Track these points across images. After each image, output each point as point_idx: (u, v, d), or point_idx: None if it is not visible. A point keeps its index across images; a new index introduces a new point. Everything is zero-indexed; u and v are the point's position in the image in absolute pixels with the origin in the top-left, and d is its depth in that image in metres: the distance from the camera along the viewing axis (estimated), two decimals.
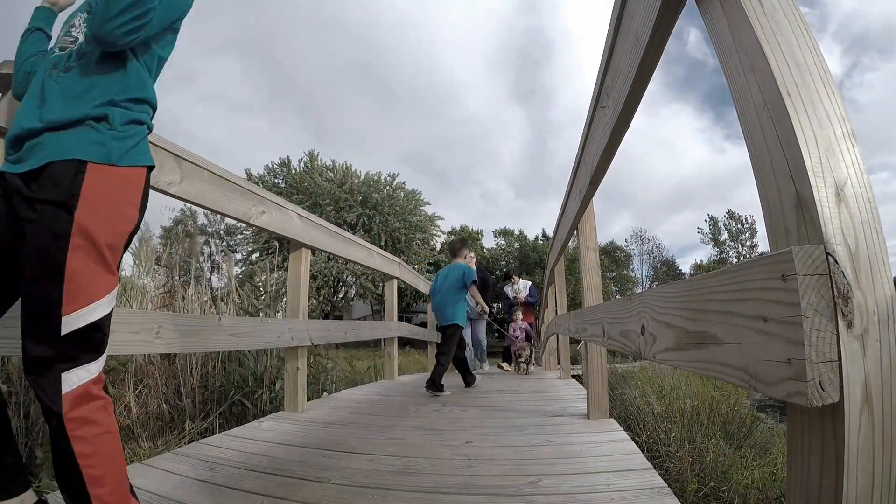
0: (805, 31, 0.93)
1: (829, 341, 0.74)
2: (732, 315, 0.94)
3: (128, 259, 5.96)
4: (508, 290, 10.49)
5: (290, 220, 4.00)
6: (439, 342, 6.43)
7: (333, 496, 2.21)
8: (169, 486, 2.30)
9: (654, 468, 2.44)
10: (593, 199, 3.44)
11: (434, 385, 5.36)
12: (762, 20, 0.94)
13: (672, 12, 1.37)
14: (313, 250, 4.51)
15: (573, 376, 6.65)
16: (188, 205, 3.75)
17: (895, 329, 0.77)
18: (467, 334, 8.66)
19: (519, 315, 9.35)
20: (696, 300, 1.11)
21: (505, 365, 9.35)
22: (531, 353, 8.35)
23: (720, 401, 6.01)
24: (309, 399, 4.63)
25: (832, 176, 0.81)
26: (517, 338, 8.97)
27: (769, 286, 0.81)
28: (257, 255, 31.79)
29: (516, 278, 10.48)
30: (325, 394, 5.76)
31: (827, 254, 0.76)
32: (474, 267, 7.57)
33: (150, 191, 2.58)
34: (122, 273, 6.01)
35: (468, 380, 6.20)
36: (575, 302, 7.40)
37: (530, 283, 10.65)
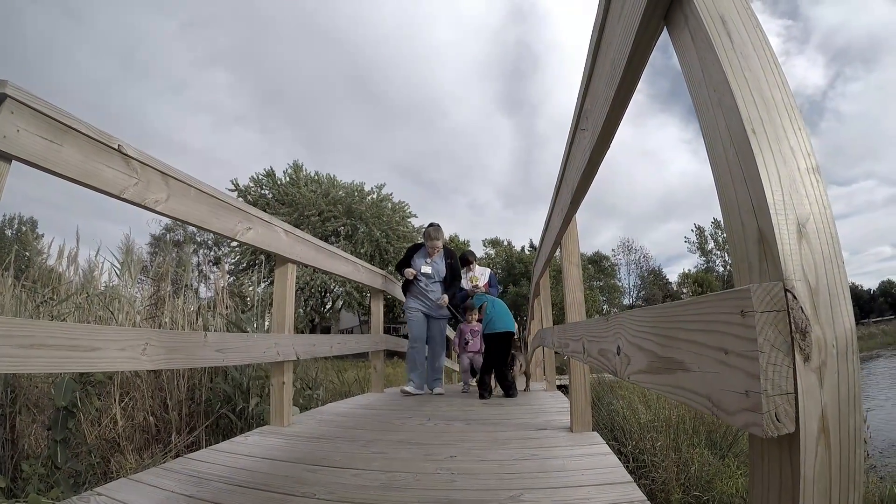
0: (774, 66, 0.96)
1: (786, 375, 0.77)
2: (698, 344, 0.96)
3: (114, 269, 5.97)
4: (462, 278, 8.16)
5: (276, 235, 4.02)
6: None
7: None
8: (155, 501, 2.31)
9: (640, 477, 2.48)
10: (576, 214, 3.47)
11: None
12: (730, 55, 0.96)
13: (647, 41, 1.40)
14: (299, 265, 4.52)
15: (559, 387, 6.67)
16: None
17: (854, 360, 0.80)
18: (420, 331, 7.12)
19: (474, 316, 7.06)
20: (666, 326, 1.14)
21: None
22: (521, 364, 6.96)
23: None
24: (306, 408, 4.64)
25: (794, 212, 0.84)
26: (468, 346, 7.08)
27: (730, 320, 0.84)
28: (244, 265, 31.74)
29: (474, 264, 8.43)
30: (315, 403, 5.77)
31: (786, 290, 0.78)
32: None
33: (138, 208, 2.62)
34: (111, 283, 6.01)
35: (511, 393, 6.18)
36: (563, 314, 7.34)
37: (489, 270, 8.79)
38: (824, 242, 0.84)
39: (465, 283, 8.19)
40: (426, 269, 7.10)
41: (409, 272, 7.02)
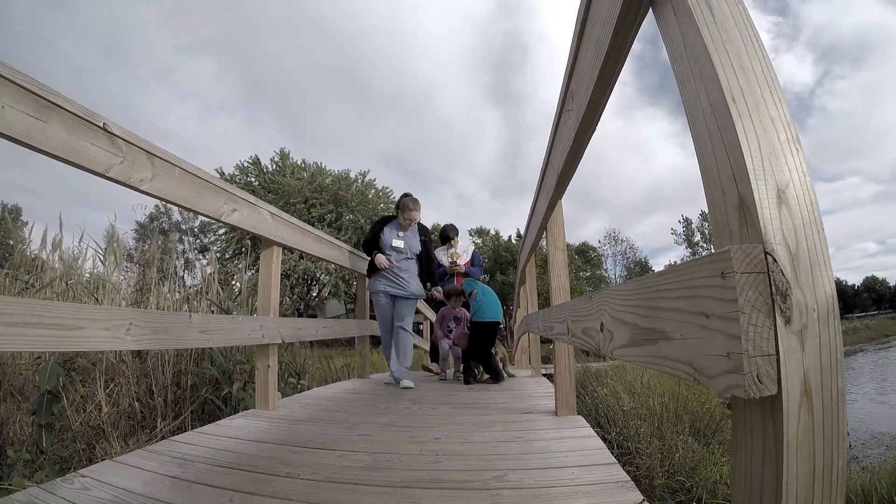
0: (754, 40, 0.96)
1: (767, 336, 0.77)
2: (679, 312, 0.97)
3: (99, 256, 5.94)
4: (442, 255, 7.66)
5: (262, 217, 4.01)
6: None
7: (303, 491, 2.23)
8: (139, 482, 2.30)
9: (624, 464, 2.49)
10: (562, 200, 3.48)
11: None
12: (712, 29, 0.97)
13: (631, 18, 1.40)
14: (285, 248, 4.51)
15: (544, 375, 6.68)
16: (162, 202, 3.75)
17: (836, 326, 0.81)
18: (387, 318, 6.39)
19: (459, 301, 6.82)
20: (648, 297, 1.15)
21: (434, 366, 7.61)
22: (500, 354, 6.64)
23: (690, 399, 6.10)
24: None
25: (774, 179, 0.84)
26: (451, 333, 6.85)
27: (711, 283, 0.85)
28: (229, 254, 31.63)
29: (456, 240, 7.74)
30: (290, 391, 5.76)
31: (766, 253, 0.79)
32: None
33: (123, 187, 2.60)
34: (95, 270, 5.98)
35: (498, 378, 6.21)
36: (549, 302, 7.31)
37: (473, 247, 8.08)
38: (804, 208, 0.84)
39: (445, 260, 7.62)
40: (398, 244, 6.26)
41: (382, 261, 6.09)
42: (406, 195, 6.38)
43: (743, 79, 0.92)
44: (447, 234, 7.76)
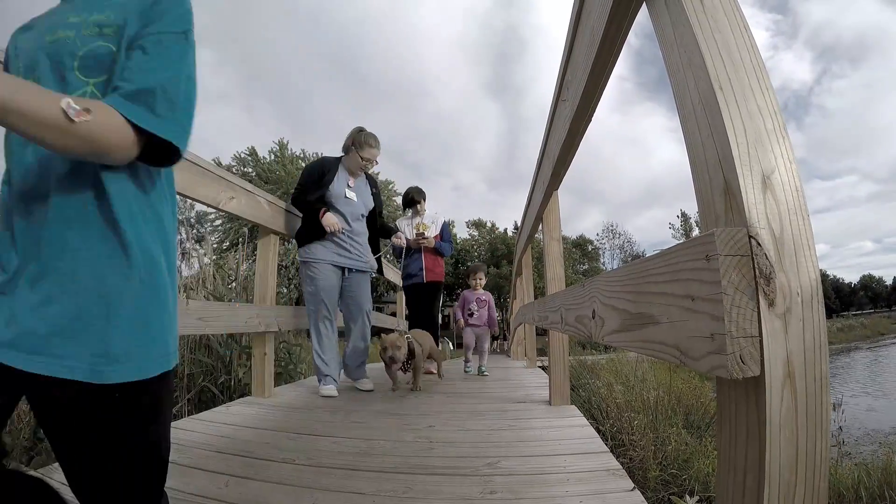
0: (744, 31, 0.97)
1: (750, 318, 0.78)
2: (667, 296, 0.98)
3: None
4: (405, 224, 6.30)
5: (259, 205, 4.01)
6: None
7: (298, 476, 2.25)
8: None
9: (618, 456, 2.50)
10: (558, 191, 3.49)
11: None
12: (701, 18, 0.98)
13: (625, 8, 1.42)
14: (282, 237, 4.55)
15: (539, 367, 6.70)
16: None
17: (819, 310, 0.82)
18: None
19: (480, 280, 6.09)
20: (637, 283, 1.16)
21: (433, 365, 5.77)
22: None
23: (685, 393, 6.13)
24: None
25: (759, 165, 0.85)
26: (472, 318, 6.02)
27: (696, 266, 0.86)
28: (227, 245, 31.58)
29: (422, 206, 6.31)
30: (296, 379, 5.77)
31: (750, 237, 0.80)
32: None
33: None
34: None
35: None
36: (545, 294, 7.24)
37: (443, 218, 6.46)
38: (789, 194, 0.85)
39: (409, 231, 6.20)
40: (350, 195, 4.63)
41: (334, 223, 4.41)
42: (362, 130, 4.71)
43: (731, 68, 0.93)
44: (412, 199, 6.28)
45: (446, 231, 6.36)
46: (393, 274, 7.59)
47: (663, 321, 1.00)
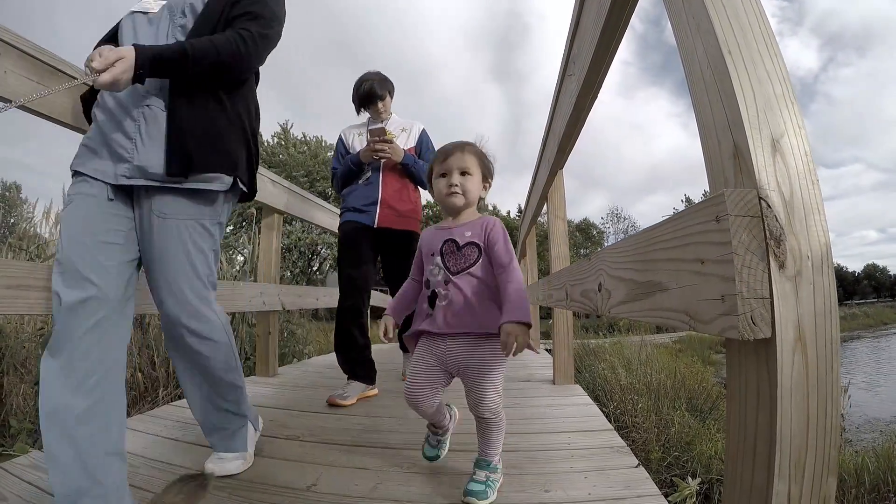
0: None
1: (761, 279, 0.78)
2: (675, 261, 0.98)
3: None
4: (354, 134, 3.89)
5: (263, 185, 4.00)
6: None
7: (302, 452, 2.26)
8: (142, 444, 2.34)
9: (620, 437, 2.50)
10: (563, 171, 3.48)
11: None
12: None
13: None
14: (285, 216, 4.51)
15: (544, 349, 6.68)
16: None
17: (830, 274, 0.81)
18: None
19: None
20: (644, 251, 1.15)
21: None
22: None
23: (688, 376, 6.12)
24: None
25: (769, 128, 0.85)
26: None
27: (706, 229, 0.85)
28: (231, 228, 31.64)
29: (388, 102, 3.88)
30: (294, 360, 5.77)
31: (760, 198, 0.79)
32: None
33: None
34: None
35: None
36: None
37: (422, 126, 3.99)
38: (798, 158, 0.84)
39: (360, 144, 3.80)
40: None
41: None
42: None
43: (740, 34, 0.92)
44: (372, 92, 3.77)
45: (427, 144, 3.95)
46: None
47: (672, 287, 0.99)
